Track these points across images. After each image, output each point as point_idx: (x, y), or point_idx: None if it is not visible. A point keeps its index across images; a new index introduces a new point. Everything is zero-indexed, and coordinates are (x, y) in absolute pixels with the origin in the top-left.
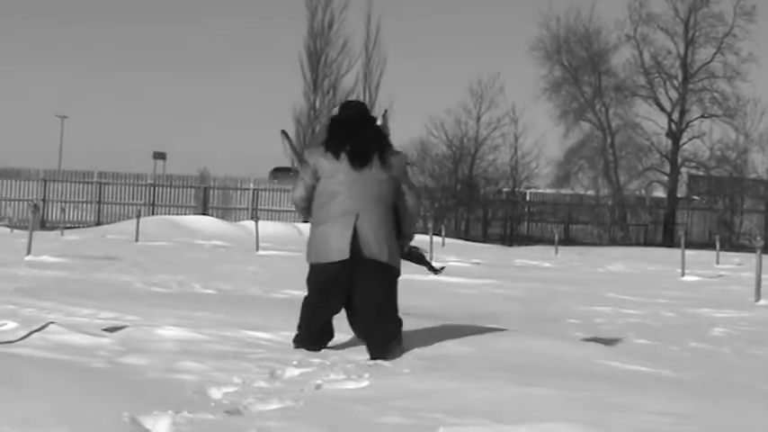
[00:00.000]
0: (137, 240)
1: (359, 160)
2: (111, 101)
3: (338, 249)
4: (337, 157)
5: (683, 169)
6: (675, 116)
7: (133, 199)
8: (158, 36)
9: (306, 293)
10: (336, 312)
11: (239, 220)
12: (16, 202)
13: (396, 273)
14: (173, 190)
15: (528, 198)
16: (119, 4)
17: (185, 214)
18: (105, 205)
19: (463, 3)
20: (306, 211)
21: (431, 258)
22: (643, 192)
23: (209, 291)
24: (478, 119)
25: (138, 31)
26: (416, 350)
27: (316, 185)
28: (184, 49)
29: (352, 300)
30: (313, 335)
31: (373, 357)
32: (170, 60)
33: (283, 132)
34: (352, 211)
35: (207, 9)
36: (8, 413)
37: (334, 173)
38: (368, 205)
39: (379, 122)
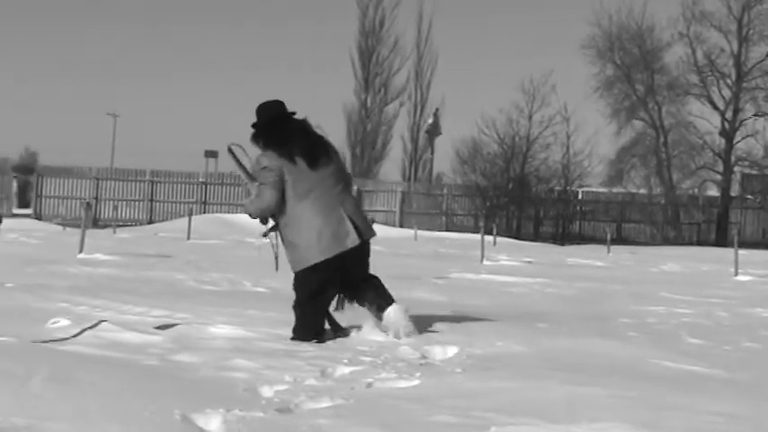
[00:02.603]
0: (188, 238)
1: (314, 161)
2: (164, 99)
3: (351, 237)
4: (293, 161)
5: (737, 168)
6: (729, 115)
7: (185, 197)
8: (211, 35)
9: (303, 295)
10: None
11: None
12: (69, 201)
13: None
14: (224, 188)
15: (580, 197)
16: (172, 5)
17: (237, 213)
18: (157, 203)
19: (515, 1)
20: (273, 213)
21: (482, 257)
22: (696, 191)
23: (260, 289)
24: (530, 117)
25: (190, 31)
26: (468, 349)
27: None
28: (236, 48)
29: (348, 274)
30: (322, 330)
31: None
32: (222, 59)
33: (229, 150)
34: (337, 204)
35: (258, 8)
36: (63, 409)
37: (300, 174)
38: (343, 195)
39: (430, 121)
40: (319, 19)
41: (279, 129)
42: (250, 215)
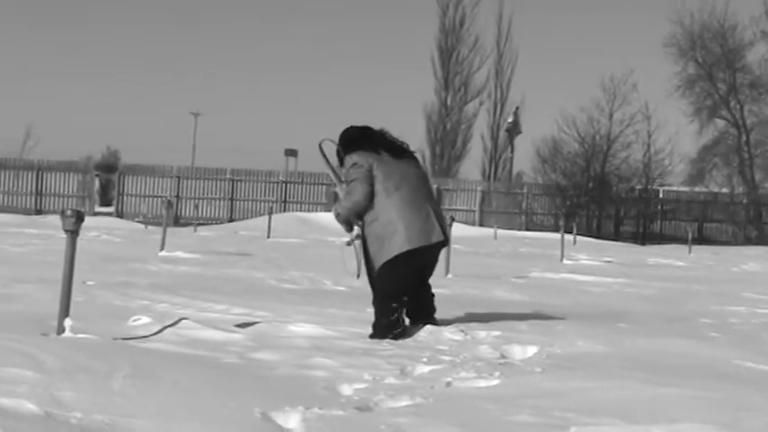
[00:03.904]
0: (268, 237)
1: (398, 154)
2: (244, 98)
3: (436, 232)
4: (379, 154)
5: None
6: None
7: (265, 196)
8: (291, 34)
9: (384, 291)
10: None
11: None
12: (150, 199)
13: None
14: (304, 187)
15: (661, 196)
16: (250, 4)
17: (316, 211)
18: (238, 202)
19: None
20: (364, 208)
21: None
22: None
23: (340, 288)
24: (611, 116)
25: (270, 30)
26: (548, 349)
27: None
28: (316, 47)
29: (422, 274)
30: (401, 327)
31: (430, 320)
32: (301, 58)
33: (320, 147)
34: (424, 201)
35: (338, 8)
36: (144, 406)
37: (388, 168)
38: (429, 195)
39: (510, 119)
40: (399, 18)
41: (361, 136)
42: (338, 216)
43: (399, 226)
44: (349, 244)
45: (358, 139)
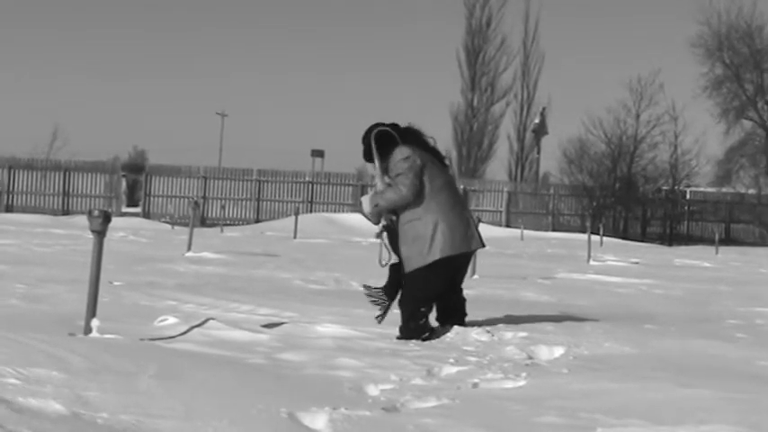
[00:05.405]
0: (295, 237)
1: (440, 156)
2: (271, 99)
3: (476, 240)
4: (426, 152)
5: None
6: None
7: (291, 196)
8: (318, 36)
9: (415, 294)
10: None
11: None
12: (177, 199)
13: None
14: (330, 187)
15: (688, 197)
16: (277, 7)
17: (343, 212)
18: (264, 202)
19: None
20: (407, 204)
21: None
22: None
23: None
24: (638, 116)
25: (297, 31)
26: (575, 350)
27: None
28: (342, 49)
29: (454, 280)
30: (429, 330)
31: (459, 324)
32: (328, 59)
33: (372, 135)
34: (464, 206)
35: (365, 10)
36: (171, 406)
37: (435, 168)
38: (465, 202)
39: (537, 120)
40: (426, 19)
41: (411, 132)
42: (375, 207)
43: (443, 229)
44: (378, 236)
45: (408, 134)
